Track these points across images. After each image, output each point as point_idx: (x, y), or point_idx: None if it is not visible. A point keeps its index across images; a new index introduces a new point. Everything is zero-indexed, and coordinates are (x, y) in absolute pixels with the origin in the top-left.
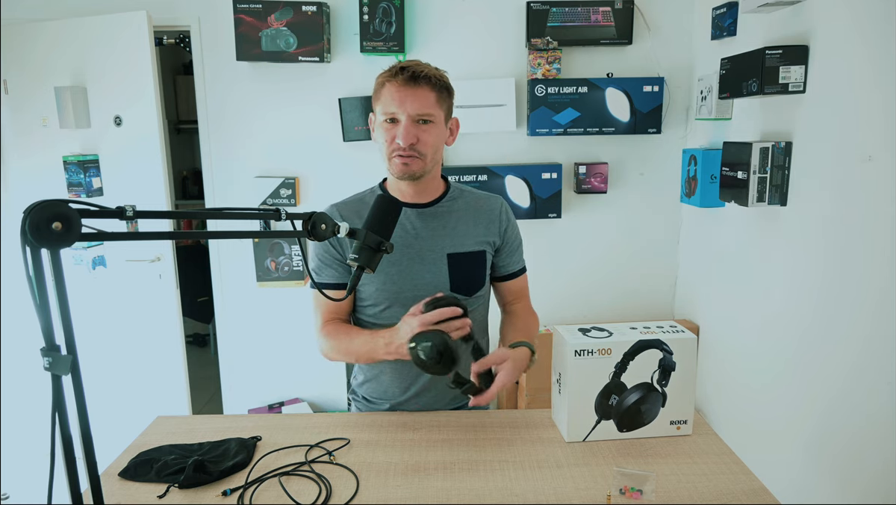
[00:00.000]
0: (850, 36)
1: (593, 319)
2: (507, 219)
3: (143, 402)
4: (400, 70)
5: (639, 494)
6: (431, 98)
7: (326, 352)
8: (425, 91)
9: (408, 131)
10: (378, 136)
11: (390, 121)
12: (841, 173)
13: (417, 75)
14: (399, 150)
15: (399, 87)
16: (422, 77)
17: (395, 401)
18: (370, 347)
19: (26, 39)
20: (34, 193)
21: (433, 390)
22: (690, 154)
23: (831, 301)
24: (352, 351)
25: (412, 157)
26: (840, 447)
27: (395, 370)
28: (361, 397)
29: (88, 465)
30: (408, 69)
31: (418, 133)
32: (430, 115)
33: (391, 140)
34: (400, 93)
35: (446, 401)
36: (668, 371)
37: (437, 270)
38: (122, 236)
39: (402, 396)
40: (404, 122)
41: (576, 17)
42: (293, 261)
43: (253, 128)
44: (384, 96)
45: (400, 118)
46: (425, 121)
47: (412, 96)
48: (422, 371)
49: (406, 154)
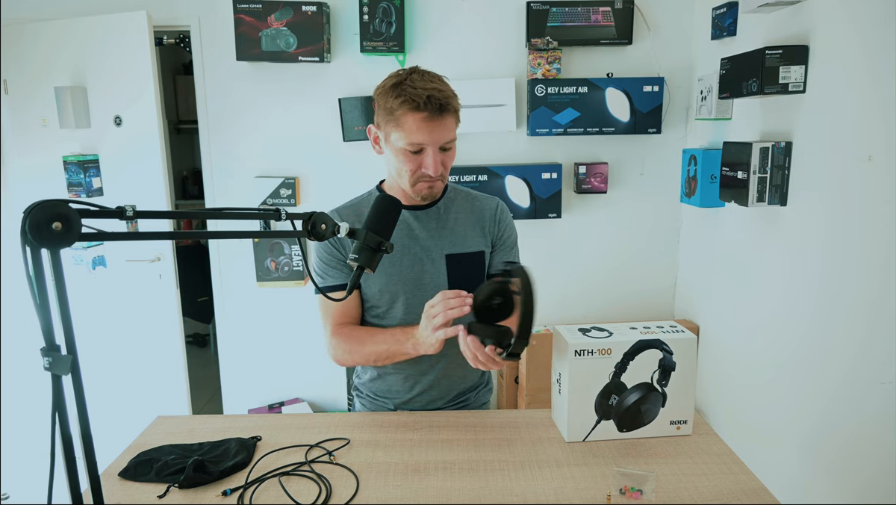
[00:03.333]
0: (849, 36)
1: (593, 319)
2: (503, 219)
3: (143, 402)
4: (427, 101)
5: (639, 494)
6: (453, 124)
7: (340, 356)
8: (450, 120)
9: (436, 161)
10: (397, 160)
11: (416, 151)
12: (841, 173)
13: (445, 106)
14: (427, 177)
15: (427, 119)
16: (447, 107)
17: (399, 399)
18: (396, 347)
19: (26, 39)
20: (34, 193)
21: (437, 388)
22: (690, 154)
23: (831, 301)
24: (373, 352)
25: (437, 181)
26: (839, 447)
27: (400, 369)
28: (367, 394)
29: (88, 465)
30: (434, 100)
31: (444, 160)
32: (452, 141)
33: (416, 168)
34: (428, 125)
35: (450, 398)
36: (668, 371)
37: (436, 271)
38: (122, 236)
39: (407, 394)
40: (432, 153)
41: (576, 17)
42: (293, 261)
43: (253, 128)
44: (407, 125)
45: (426, 148)
46: (447, 148)
47: (440, 127)
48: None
49: (433, 180)
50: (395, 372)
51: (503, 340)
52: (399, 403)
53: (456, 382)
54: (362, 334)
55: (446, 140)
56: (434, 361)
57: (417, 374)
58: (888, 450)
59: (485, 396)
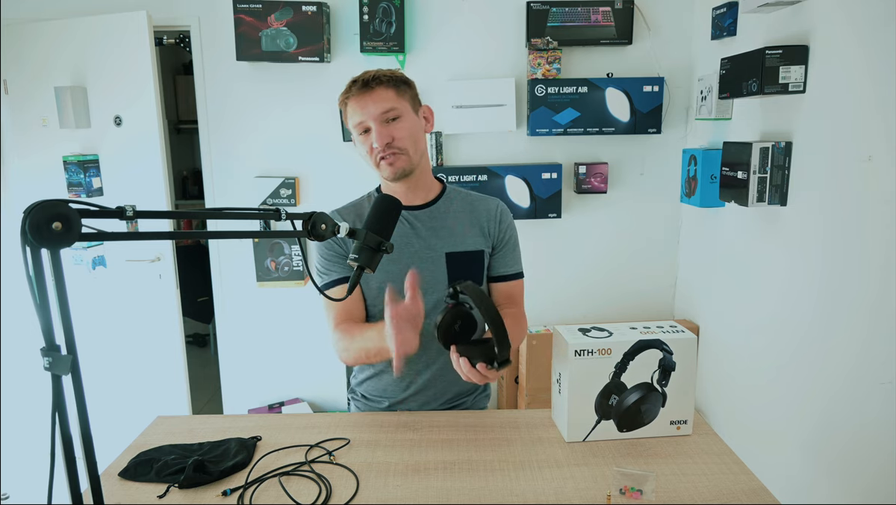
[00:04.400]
0: (849, 36)
1: (593, 319)
2: (504, 220)
3: (143, 402)
4: (353, 83)
5: (639, 494)
6: (390, 94)
7: (340, 354)
8: (382, 91)
9: (380, 133)
10: (360, 150)
11: (364, 132)
12: (841, 173)
13: (369, 80)
14: (379, 152)
15: (357, 97)
16: (373, 80)
17: (394, 399)
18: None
19: (26, 39)
20: (34, 193)
21: (432, 389)
22: (690, 154)
23: (831, 301)
24: (363, 349)
25: (394, 154)
26: (839, 447)
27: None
28: (360, 396)
29: (88, 465)
30: (358, 80)
31: (391, 131)
32: (394, 110)
33: (370, 148)
34: (360, 101)
35: (445, 399)
36: (668, 371)
37: (435, 269)
38: (122, 236)
39: (401, 393)
40: (375, 126)
41: (576, 17)
42: (293, 261)
43: (253, 128)
44: (349, 111)
45: (369, 124)
46: (393, 118)
47: (371, 99)
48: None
49: (387, 153)
50: (391, 370)
51: (490, 354)
52: (394, 402)
53: (451, 384)
54: (355, 331)
55: (382, 111)
56: (430, 360)
57: (413, 373)
58: (888, 450)
59: (482, 401)
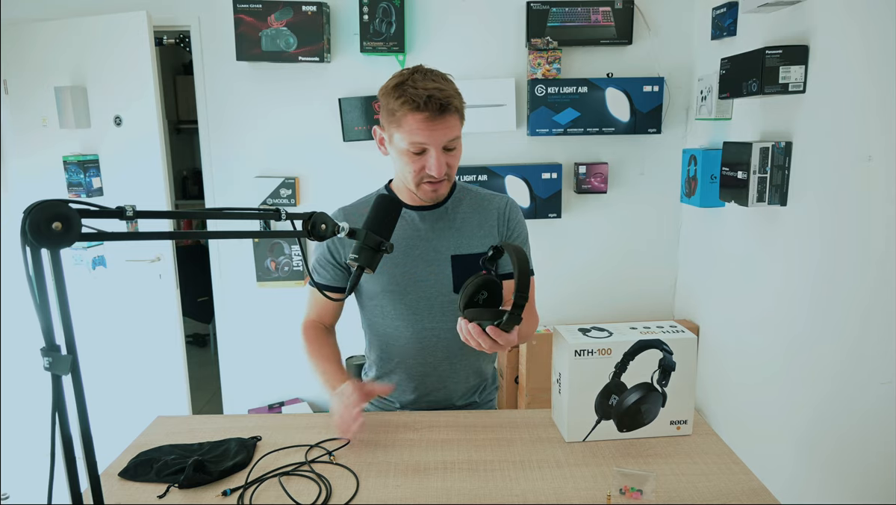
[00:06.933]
0: (850, 36)
1: (593, 319)
2: (513, 217)
3: (143, 402)
4: (427, 101)
5: (639, 494)
6: (457, 123)
7: (302, 348)
8: (451, 119)
9: (440, 161)
10: (401, 161)
11: (420, 152)
12: (841, 173)
13: (446, 106)
14: (431, 178)
15: (427, 119)
16: (448, 106)
17: (405, 399)
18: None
19: (26, 39)
20: (34, 193)
21: (443, 390)
22: (690, 154)
23: (831, 301)
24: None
25: (441, 181)
26: (838, 447)
27: (406, 370)
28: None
29: (88, 465)
30: (434, 99)
31: (448, 160)
32: (456, 140)
33: (420, 169)
34: (429, 124)
35: (457, 396)
36: (668, 371)
37: (439, 272)
38: (122, 236)
39: (412, 394)
40: (435, 154)
41: (576, 17)
42: (293, 261)
43: (253, 128)
44: (408, 125)
45: (429, 149)
46: (452, 148)
47: (442, 127)
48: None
49: (437, 181)
50: (402, 371)
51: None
52: (405, 403)
53: (459, 384)
54: (316, 350)
55: (448, 140)
56: (437, 362)
57: (423, 374)
58: (886, 450)
59: (492, 393)
